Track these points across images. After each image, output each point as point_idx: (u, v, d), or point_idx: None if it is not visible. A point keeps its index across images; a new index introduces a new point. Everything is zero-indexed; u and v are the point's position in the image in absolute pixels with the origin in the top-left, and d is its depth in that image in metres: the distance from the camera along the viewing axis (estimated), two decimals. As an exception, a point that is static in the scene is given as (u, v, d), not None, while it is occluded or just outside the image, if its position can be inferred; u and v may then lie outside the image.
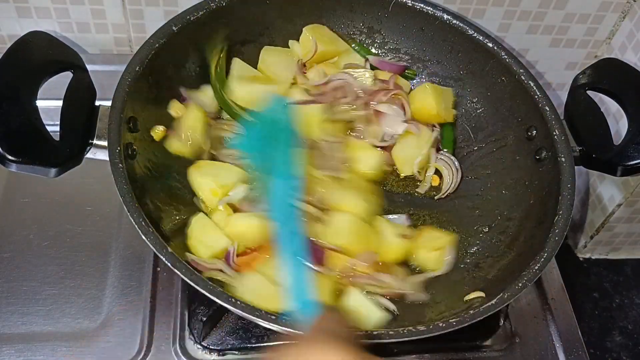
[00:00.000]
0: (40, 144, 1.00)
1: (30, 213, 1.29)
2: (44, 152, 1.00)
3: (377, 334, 0.95)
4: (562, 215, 1.11)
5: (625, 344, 1.58)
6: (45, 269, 1.22)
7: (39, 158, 0.99)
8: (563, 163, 1.17)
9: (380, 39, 1.44)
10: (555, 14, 1.51)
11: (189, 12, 1.22)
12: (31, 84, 1.03)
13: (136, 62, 1.13)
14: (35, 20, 1.42)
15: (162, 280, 1.23)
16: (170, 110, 1.23)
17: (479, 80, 1.37)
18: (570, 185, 1.14)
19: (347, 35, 1.43)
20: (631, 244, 1.70)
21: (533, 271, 1.04)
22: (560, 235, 1.09)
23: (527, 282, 1.03)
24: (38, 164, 0.99)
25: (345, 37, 1.42)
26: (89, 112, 1.08)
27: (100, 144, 1.06)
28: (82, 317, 1.18)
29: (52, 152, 1.01)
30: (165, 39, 1.18)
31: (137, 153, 1.11)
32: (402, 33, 1.42)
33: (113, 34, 1.48)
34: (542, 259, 1.06)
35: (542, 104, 1.24)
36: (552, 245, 1.07)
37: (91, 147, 1.06)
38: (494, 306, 1.00)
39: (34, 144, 0.99)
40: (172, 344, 1.16)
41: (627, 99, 1.23)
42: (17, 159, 0.96)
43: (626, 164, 1.17)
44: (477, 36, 1.33)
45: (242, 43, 1.35)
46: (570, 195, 1.13)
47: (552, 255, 1.06)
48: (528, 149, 1.27)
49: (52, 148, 1.01)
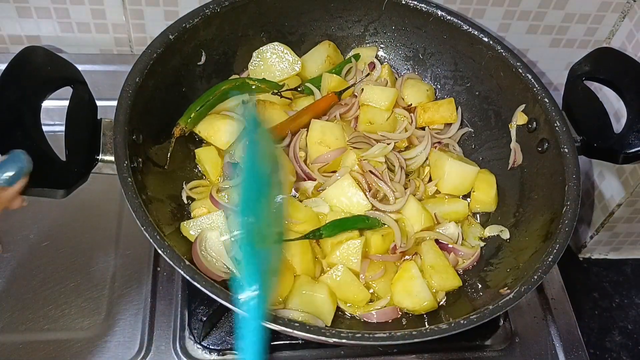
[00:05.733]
0: (48, 167, 0.98)
1: (30, 213, 1.28)
2: (51, 175, 0.98)
3: (401, 335, 0.95)
4: (570, 206, 1.11)
5: (625, 343, 1.58)
6: (45, 269, 1.22)
7: (47, 182, 0.97)
8: (566, 154, 1.17)
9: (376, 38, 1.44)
10: (555, 14, 1.51)
11: (185, 19, 1.22)
12: (33, 103, 1.01)
13: (135, 74, 1.12)
14: (35, 20, 1.42)
15: (162, 280, 1.23)
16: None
17: (476, 74, 1.37)
18: (575, 175, 1.15)
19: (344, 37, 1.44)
20: (631, 244, 1.70)
21: (547, 263, 1.05)
22: (570, 226, 1.09)
23: (542, 274, 1.04)
24: (47, 187, 0.97)
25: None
26: (92, 127, 1.07)
27: (106, 159, 1.05)
28: (82, 317, 1.18)
29: (59, 174, 0.99)
30: (163, 48, 1.17)
31: (142, 164, 1.11)
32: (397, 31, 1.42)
33: (113, 34, 1.48)
34: (554, 251, 1.06)
35: (542, 96, 1.25)
36: (563, 236, 1.08)
37: (97, 162, 1.05)
38: (512, 300, 1.01)
39: (41, 169, 0.96)
40: (172, 343, 1.16)
41: (625, 87, 1.24)
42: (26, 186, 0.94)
43: (627, 152, 1.18)
44: (472, 31, 1.33)
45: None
46: (577, 186, 1.13)
47: (564, 247, 1.07)
48: (530, 141, 1.27)
49: (59, 170, 1.00)
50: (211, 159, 1.24)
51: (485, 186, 1.29)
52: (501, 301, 1.00)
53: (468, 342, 1.24)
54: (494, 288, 1.13)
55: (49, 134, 1.01)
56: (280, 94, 1.32)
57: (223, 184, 1.21)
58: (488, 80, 1.35)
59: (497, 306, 1.00)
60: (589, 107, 1.26)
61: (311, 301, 1.09)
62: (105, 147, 1.06)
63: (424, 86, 1.40)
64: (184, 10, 1.27)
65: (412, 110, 1.37)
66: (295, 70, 1.36)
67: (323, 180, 1.23)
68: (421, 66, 1.45)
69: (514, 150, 1.31)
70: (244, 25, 1.33)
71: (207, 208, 1.17)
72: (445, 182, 1.30)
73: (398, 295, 1.14)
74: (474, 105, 1.39)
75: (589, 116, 1.24)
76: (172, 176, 1.22)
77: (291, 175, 1.22)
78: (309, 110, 1.30)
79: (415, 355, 1.20)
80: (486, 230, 1.27)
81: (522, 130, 1.29)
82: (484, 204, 1.29)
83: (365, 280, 1.16)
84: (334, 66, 1.41)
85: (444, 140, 1.37)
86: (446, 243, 1.22)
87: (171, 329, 1.18)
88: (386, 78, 1.39)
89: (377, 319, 1.13)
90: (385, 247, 1.18)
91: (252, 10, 1.32)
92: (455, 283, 1.18)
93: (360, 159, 1.24)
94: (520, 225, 1.23)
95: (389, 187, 1.22)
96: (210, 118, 1.27)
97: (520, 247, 1.19)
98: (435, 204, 1.28)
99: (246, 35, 1.35)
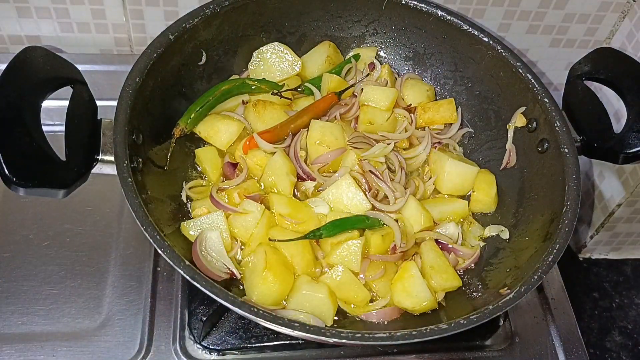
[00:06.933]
0: (48, 167, 0.98)
1: (30, 213, 1.29)
2: (52, 174, 0.98)
3: (401, 335, 0.95)
4: (570, 206, 1.11)
5: (625, 343, 1.58)
6: (45, 269, 1.22)
7: (47, 181, 0.97)
8: (566, 154, 1.18)
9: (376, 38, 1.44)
10: (555, 14, 1.51)
11: (185, 19, 1.22)
12: (33, 103, 1.01)
13: (136, 74, 1.12)
14: (35, 20, 1.42)
15: (162, 280, 1.23)
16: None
17: (477, 75, 1.37)
18: (575, 175, 1.15)
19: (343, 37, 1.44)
20: (631, 244, 1.70)
21: (547, 263, 1.05)
22: (570, 226, 1.09)
23: (542, 274, 1.04)
24: (47, 187, 0.97)
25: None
26: (92, 127, 1.07)
27: (106, 159, 1.05)
28: (82, 317, 1.18)
29: (59, 174, 0.99)
30: (163, 48, 1.17)
31: (142, 164, 1.11)
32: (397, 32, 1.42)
33: (113, 34, 1.48)
34: (554, 251, 1.06)
35: (542, 96, 1.25)
36: (563, 236, 1.08)
37: (97, 162, 1.05)
38: (512, 300, 1.01)
39: (41, 168, 0.97)
40: (172, 343, 1.16)
41: (625, 87, 1.24)
42: (26, 185, 0.94)
43: (627, 152, 1.18)
44: (472, 31, 1.33)
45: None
46: (577, 186, 1.13)
47: (564, 247, 1.07)
48: (530, 141, 1.27)
49: (60, 169, 0.99)
50: (211, 159, 1.24)
51: (485, 186, 1.29)
52: (501, 301, 1.00)
53: (468, 342, 1.24)
54: (493, 288, 1.13)
55: (49, 134, 1.01)
56: (280, 94, 1.32)
57: (223, 184, 1.21)
58: (488, 80, 1.35)
59: (497, 306, 1.00)
60: (589, 107, 1.26)
61: (311, 301, 1.09)
62: (105, 147, 1.05)
63: (424, 86, 1.40)
64: (183, 10, 1.27)
65: (412, 111, 1.37)
66: (295, 70, 1.36)
67: (323, 180, 1.23)
68: (421, 66, 1.44)
69: (509, 152, 1.31)
70: (244, 25, 1.33)
71: (207, 208, 1.17)
72: (445, 181, 1.30)
73: (398, 295, 1.14)
74: (474, 105, 1.39)
75: (589, 116, 1.24)
76: (172, 176, 1.22)
77: (292, 175, 1.22)
78: (308, 111, 1.30)
79: (415, 355, 1.20)
80: (486, 230, 1.27)
81: (522, 131, 1.29)
82: (484, 204, 1.29)
83: (365, 280, 1.16)
84: (334, 66, 1.41)
85: (444, 140, 1.37)
86: (446, 243, 1.22)
87: (171, 329, 1.18)
88: (386, 78, 1.39)
89: (377, 319, 1.13)
90: (385, 247, 1.18)
91: (252, 10, 1.32)
92: (455, 283, 1.18)
93: (361, 159, 1.24)
94: (520, 225, 1.23)
95: (389, 187, 1.22)
96: (210, 118, 1.27)
97: (520, 247, 1.19)
98: (435, 204, 1.28)
99: (246, 35, 1.35)
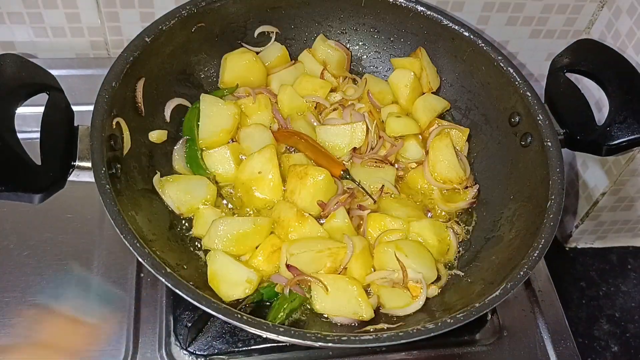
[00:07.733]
0: (22, 171, 0.96)
1: (10, 223, 1.27)
2: (26, 178, 0.96)
3: (387, 337, 0.94)
4: (555, 200, 1.11)
5: (613, 331, 1.59)
6: (26, 279, 1.20)
7: (21, 185, 0.95)
8: (550, 147, 1.17)
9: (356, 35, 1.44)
10: (534, 5, 1.51)
11: (161, 21, 1.20)
12: (7, 109, 1.00)
13: (112, 78, 1.10)
14: (8, 25, 1.40)
15: (146, 287, 1.21)
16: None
17: (457, 70, 1.37)
18: (559, 169, 1.14)
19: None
20: (616, 232, 1.71)
21: (532, 258, 1.05)
22: (555, 220, 1.09)
23: (528, 270, 1.03)
24: (21, 191, 0.95)
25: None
26: (69, 133, 1.05)
27: (83, 165, 1.03)
28: (66, 327, 1.16)
29: (34, 178, 0.97)
30: (139, 51, 1.15)
31: (121, 170, 1.09)
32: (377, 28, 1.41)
33: (89, 38, 1.46)
34: (540, 245, 1.06)
35: (523, 89, 1.24)
36: (548, 230, 1.08)
37: (74, 169, 1.03)
38: (498, 297, 1.00)
39: (15, 172, 0.95)
40: (158, 350, 1.15)
41: (606, 79, 1.24)
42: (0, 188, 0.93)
43: (610, 144, 1.18)
44: (452, 26, 1.33)
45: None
46: (561, 180, 1.13)
47: (549, 241, 1.06)
48: (513, 135, 1.27)
49: (35, 174, 0.98)
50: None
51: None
52: (487, 298, 1.00)
53: (456, 337, 1.23)
54: (479, 283, 1.12)
55: (26, 141, 1.00)
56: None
57: None
58: (469, 75, 1.35)
59: (483, 304, 0.99)
60: (571, 99, 1.25)
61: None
62: (82, 153, 1.04)
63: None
64: (160, 12, 1.25)
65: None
66: None
67: None
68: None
69: None
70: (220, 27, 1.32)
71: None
72: None
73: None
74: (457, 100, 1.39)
75: (571, 109, 1.24)
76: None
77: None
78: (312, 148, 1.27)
79: (405, 353, 1.20)
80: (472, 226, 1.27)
81: (505, 124, 1.29)
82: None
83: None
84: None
85: None
86: None
87: (157, 336, 1.16)
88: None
89: None
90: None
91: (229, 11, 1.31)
92: None
93: None
94: (503, 220, 1.23)
95: None
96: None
97: (506, 242, 1.18)
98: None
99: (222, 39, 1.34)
